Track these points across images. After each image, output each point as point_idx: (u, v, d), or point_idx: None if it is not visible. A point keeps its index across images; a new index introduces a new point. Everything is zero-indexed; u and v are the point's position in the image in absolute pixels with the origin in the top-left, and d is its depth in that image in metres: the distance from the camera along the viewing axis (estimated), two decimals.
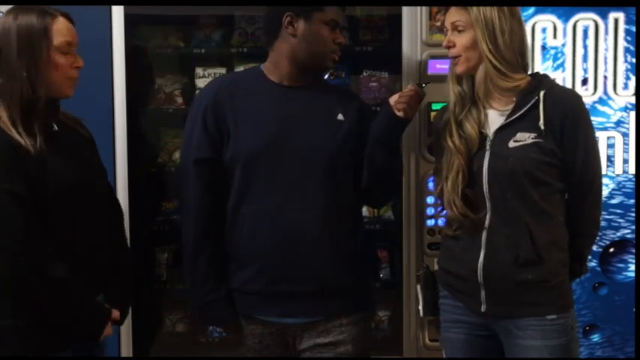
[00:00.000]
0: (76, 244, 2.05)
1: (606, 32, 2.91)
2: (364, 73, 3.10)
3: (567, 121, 2.07)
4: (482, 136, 2.14)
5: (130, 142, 2.89)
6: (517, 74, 2.11)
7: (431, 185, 2.88)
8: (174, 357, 3.20)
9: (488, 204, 2.10)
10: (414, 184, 2.90)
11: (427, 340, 2.93)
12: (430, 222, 2.89)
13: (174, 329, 3.20)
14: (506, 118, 2.11)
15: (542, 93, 2.08)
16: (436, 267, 2.36)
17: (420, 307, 2.42)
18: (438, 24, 2.83)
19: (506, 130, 2.11)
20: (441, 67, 2.83)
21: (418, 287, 2.44)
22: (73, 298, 2.03)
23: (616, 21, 2.91)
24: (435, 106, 2.84)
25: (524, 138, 2.07)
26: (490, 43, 2.08)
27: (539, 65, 2.88)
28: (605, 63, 2.90)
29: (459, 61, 2.15)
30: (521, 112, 2.09)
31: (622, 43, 2.92)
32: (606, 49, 2.92)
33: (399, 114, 2.29)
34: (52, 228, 1.99)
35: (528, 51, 2.17)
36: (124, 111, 2.88)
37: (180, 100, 3.16)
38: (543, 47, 2.89)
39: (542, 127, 2.06)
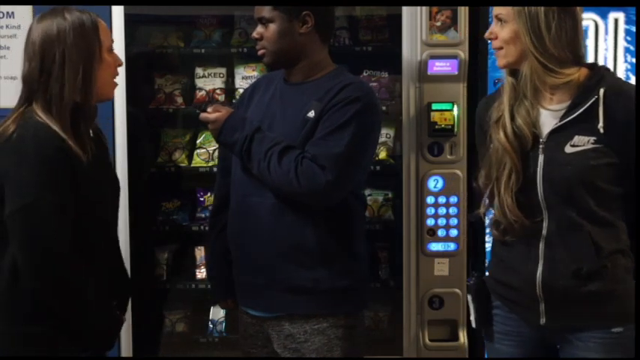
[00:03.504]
0: (98, 250, 2.06)
1: (606, 32, 2.91)
2: (364, 73, 3.09)
3: (629, 121, 1.90)
4: (535, 137, 1.99)
5: (130, 142, 2.89)
6: (567, 69, 1.95)
7: (431, 184, 2.89)
8: (174, 357, 3.20)
9: (545, 212, 1.97)
10: (414, 184, 2.90)
11: (427, 340, 2.93)
12: (430, 222, 2.89)
13: (174, 329, 3.20)
14: (561, 119, 1.96)
15: (602, 91, 1.92)
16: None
17: (472, 319, 2.21)
18: (438, 24, 2.83)
19: (561, 133, 1.96)
20: (441, 67, 2.83)
21: (469, 297, 2.22)
22: (96, 307, 2.02)
23: (616, 21, 2.90)
24: (435, 106, 2.84)
25: (583, 142, 1.92)
26: (534, 37, 1.94)
27: None
28: (605, 63, 2.89)
29: (500, 54, 2.04)
30: (579, 112, 1.94)
31: (622, 43, 2.92)
32: (606, 49, 2.92)
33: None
34: (81, 235, 1.98)
35: (582, 45, 2.01)
36: (124, 111, 2.88)
37: (180, 100, 3.16)
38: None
39: (602, 131, 1.91)
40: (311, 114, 2.21)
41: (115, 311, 2.13)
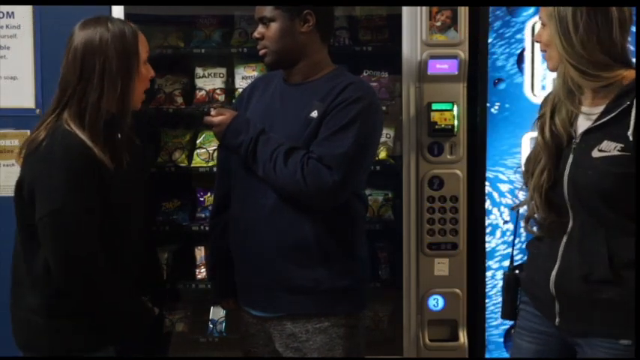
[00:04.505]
0: (126, 249, 2.13)
1: None
2: (364, 73, 3.10)
3: None
4: (570, 137, 1.97)
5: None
6: (607, 72, 1.89)
7: (431, 185, 2.89)
8: (174, 357, 3.20)
9: (570, 212, 1.96)
10: (414, 184, 2.90)
11: (427, 340, 2.93)
12: (430, 222, 2.89)
13: (174, 329, 3.20)
14: (594, 122, 1.93)
15: (635, 98, 1.87)
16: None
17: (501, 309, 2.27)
18: (438, 24, 2.83)
19: (593, 135, 1.92)
20: (441, 67, 2.83)
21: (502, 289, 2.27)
22: (124, 302, 2.11)
23: None
24: (435, 106, 2.84)
25: (610, 148, 1.87)
26: (564, 40, 1.90)
27: (539, 65, 2.88)
28: None
29: (546, 57, 2.02)
30: (610, 116, 1.89)
31: None
32: None
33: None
34: (109, 237, 2.05)
35: (622, 46, 1.92)
36: None
37: (180, 100, 3.16)
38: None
39: (631, 138, 1.85)
40: (314, 114, 2.21)
41: (147, 304, 2.21)
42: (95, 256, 2.01)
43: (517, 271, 2.22)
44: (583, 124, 1.97)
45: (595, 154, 1.90)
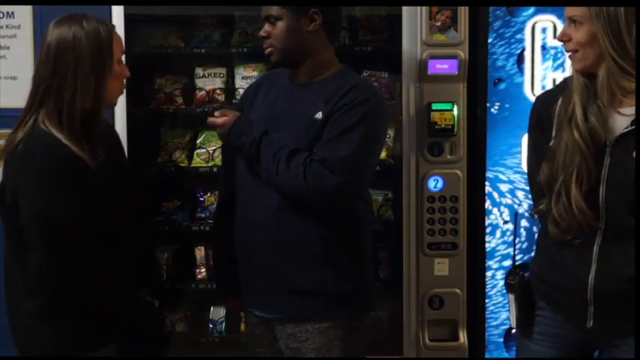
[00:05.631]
0: (119, 245, 2.11)
1: None
2: (364, 73, 3.09)
3: None
4: (605, 138, 1.94)
5: (130, 142, 2.89)
6: None
7: (431, 184, 2.89)
8: (174, 357, 3.20)
9: (603, 215, 1.94)
10: (414, 184, 2.90)
11: (427, 340, 2.93)
12: (430, 222, 2.89)
13: (174, 329, 3.20)
14: (632, 124, 1.91)
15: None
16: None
17: (513, 318, 2.18)
18: (438, 24, 2.83)
19: (629, 137, 1.90)
20: (440, 67, 2.83)
21: (511, 296, 2.18)
22: (119, 296, 2.11)
23: None
24: (435, 106, 2.84)
25: None
26: (614, 39, 1.87)
27: (539, 65, 2.88)
28: None
29: (575, 57, 1.97)
30: None
31: None
32: None
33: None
34: (100, 234, 2.04)
35: None
36: (124, 111, 2.88)
37: (180, 100, 3.16)
38: (543, 47, 2.89)
39: None
40: (319, 115, 2.20)
41: (145, 297, 2.22)
42: (85, 254, 2.00)
43: (525, 275, 2.18)
44: (618, 126, 1.94)
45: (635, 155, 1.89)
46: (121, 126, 2.88)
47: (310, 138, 2.20)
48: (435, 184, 2.89)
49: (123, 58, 2.17)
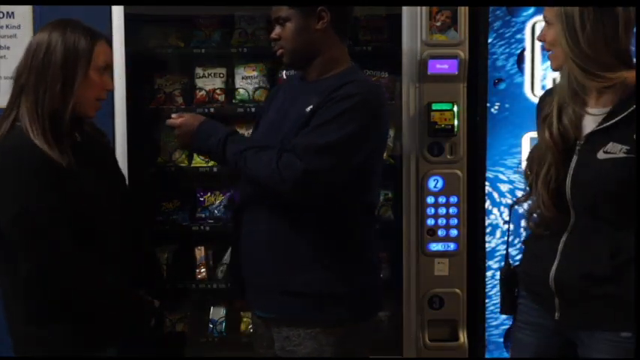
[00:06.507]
0: (108, 246, 2.11)
1: None
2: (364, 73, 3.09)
3: None
4: (576, 137, 1.97)
5: (130, 142, 2.89)
6: (611, 73, 1.89)
7: (431, 184, 2.89)
8: (174, 357, 3.20)
9: (572, 210, 1.97)
10: (414, 184, 2.90)
11: (427, 340, 2.93)
12: (430, 222, 2.89)
13: (174, 329, 3.20)
14: (600, 124, 1.93)
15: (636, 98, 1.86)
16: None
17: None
18: (438, 24, 2.83)
19: (598, 137, 1.92)
20: (441, 67, 2.84)
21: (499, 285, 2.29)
22: (113, 297, 2.10)
23: None
24: (435, 106, 2.84)
25: (616, 150, 1.88)
26: (570, 39, 1.89)
27: (539, 65, 2.88)
28: None
29: (550, 56, 2.02)
30: (617, 118, 1.90)
31: None
32: None
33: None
34: (85, 234, 2.03)
35: (627, 47, 1.93)
36: (124, 111, 2.88)
37: (180, 100, 3.17)
38: (543, 47, 2.88)
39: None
40: (308, 108, 2.19)
41: (146, 297, 2.22)
42: (70, 255, 1.99)
43: (513, 266, 2.24)
44: (588, 125, 1.96)
45: (601, 155, 1.91)
46: (121, 126, 2.88)
47: (297, 131, 2.18)
48: (435, 184, 2.89)
49: (106, 68, 2.16)
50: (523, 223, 2.15)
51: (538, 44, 2.86)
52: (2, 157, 1.99)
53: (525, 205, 2.18)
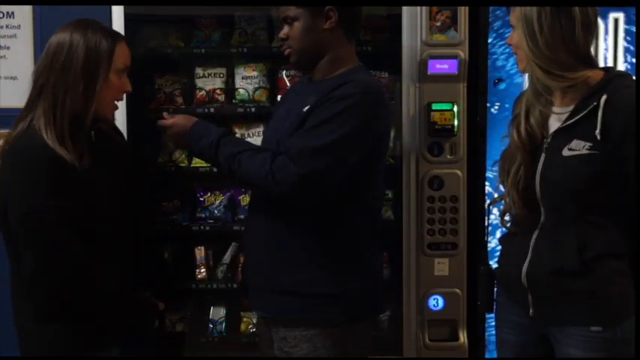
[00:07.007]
0: (115, 246, 2.12)
1: (606, 32, 2.91)
2: None
3: (626, 132, 1.88)
4: (543, 136, 2.03)
5: (130, 142, 2.89)
6: (571, 73, 1.95)
7: (431, 185, 2.89)
8: (174, 357, 3.20)
9: (542, 208, 2.02)
10: (414, 184, 2.90)
11: (427, 340, 2.93)
12: (430, 222, 2.89)
13: (174, 329, 3.20)
14: (564, 122, 1.98)
15: (603, 98, 1.91)
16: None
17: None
18: (438, 24, 2.83)
19: (563, 134, 1.98)
20: (440, 67, 2.83)
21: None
22: (117, 297, 2.11)
23: (616, 21, 2.90)
24: (435, 106, 2.84)
25: (579, 147, 1.93)
26: (530, 41, 1.95)
27: None
28: (605, 63, 2.89)
29: (517, 59, 2.07)
30: (579, 116, 1.95)
31: (622, 43, 2.92)
32: (606, 49, 2.92)
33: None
34: (93, 235, 2.05)
35: (586, 47, 1.98)
36: (124, 111, 2.88)
37: (180, 100, 3.17)
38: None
39: (599, 137, 1.90)
40: (306, 108, 2.18)
41: (150, 299, 2.24)
42: (76, 255, 2.00)
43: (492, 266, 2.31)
44: (554, 124, 2.02)
45: (565, 152, 1.96)
46: (121, 126, 2.87)
47: (292, 131, 2.17)
48: (435, 184, 2.89)
49: (125, 70, 2.18)
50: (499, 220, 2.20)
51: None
52: (14, 156, 2.01)
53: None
